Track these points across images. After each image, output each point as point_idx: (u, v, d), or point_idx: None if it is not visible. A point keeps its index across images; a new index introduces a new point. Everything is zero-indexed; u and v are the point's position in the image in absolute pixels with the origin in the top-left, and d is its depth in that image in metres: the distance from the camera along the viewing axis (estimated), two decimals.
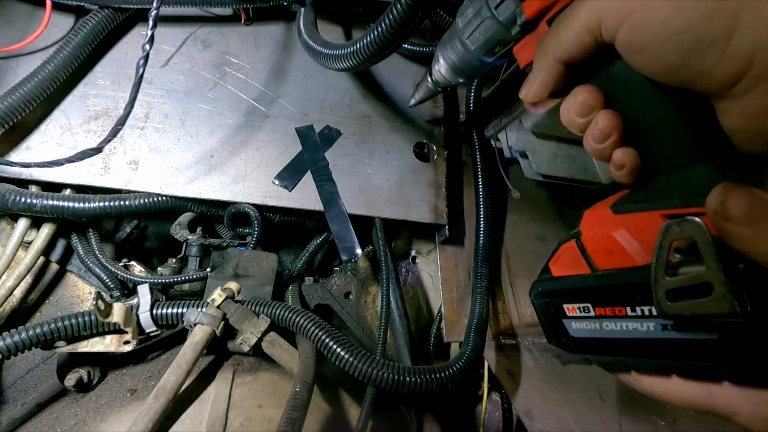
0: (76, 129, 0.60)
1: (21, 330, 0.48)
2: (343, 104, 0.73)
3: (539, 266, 0.39)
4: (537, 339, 0.77)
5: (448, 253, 0.76)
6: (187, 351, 0.47)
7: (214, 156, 0.64)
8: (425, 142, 0.76)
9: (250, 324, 0.53)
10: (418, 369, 0.52)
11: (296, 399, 0.44)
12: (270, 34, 0.72)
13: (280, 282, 0.68)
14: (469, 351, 0.60)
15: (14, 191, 0.55)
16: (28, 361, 0.59)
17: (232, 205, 0.64)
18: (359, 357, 0.50)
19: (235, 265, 0.62)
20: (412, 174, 0.73)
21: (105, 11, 0.60)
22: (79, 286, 0.65)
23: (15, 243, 0.57)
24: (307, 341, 0.53)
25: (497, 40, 0.43)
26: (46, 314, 0.62)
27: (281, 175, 0.66)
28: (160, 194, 0.61)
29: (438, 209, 0.73)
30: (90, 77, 0.62)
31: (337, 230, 0.67)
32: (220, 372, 0.54)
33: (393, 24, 0.45)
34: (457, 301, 0.74)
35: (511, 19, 0.40)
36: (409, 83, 0.79)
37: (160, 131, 0.63)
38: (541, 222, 0.86)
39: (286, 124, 0.69)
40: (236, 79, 0.68)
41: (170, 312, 0.54)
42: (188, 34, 0.68)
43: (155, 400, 0.41)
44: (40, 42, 0.60)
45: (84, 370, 0.55)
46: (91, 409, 0.52)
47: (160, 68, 0.66)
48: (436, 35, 0.83)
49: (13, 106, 0.53)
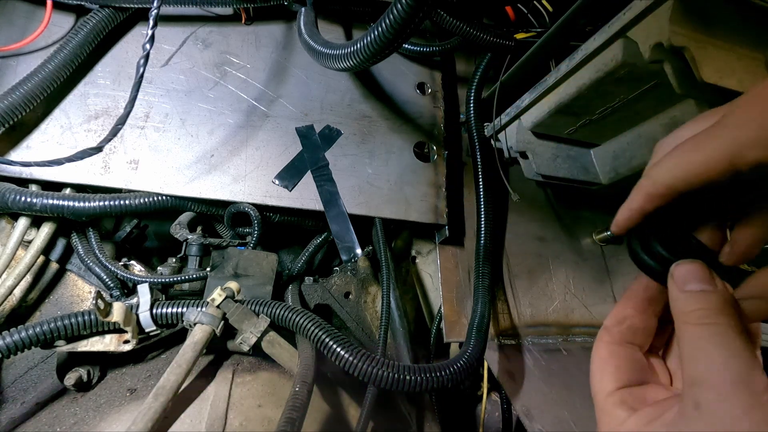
0: (76, 128, 0.60)
1: (21, 329, 0.48)
2: (343, 104, 0.73)
3: (539, 266, 0.38)
4: (537, 339, 0.77)
5: (448, 253, 0.76)
6: (187, 350, 0.47)
7: (214, 155, 0.64)
8: (425, 142, 0.76)
9: (250, 324, 0.53)
10: (418, 368, 0.52)
11: (296, 399, 0.44)
12: (270, 33, 0.72)
13: (280, 282, 0.68)
14: (471, 350, 0.59)
15: (14, 190, 0.55)
16: (28, 360, 0.59)
17: (232, 205, 0.64)
18: (359, 356, 0.50)
19: (235, 265, 0.62)
20: (412, 174, 0.73)
21: (105, 11, 0.60)
22: (78, 286, 0.65)
23: (15, 242, 0.57)
24: (307, 341, 0.53)
25: None
26: (45, 313, 0.62)
27: (281, 175, 0.66)
28: (160, 194, 0.61)
29: (438, 209, 0.73)
30: (90, 76, 0.62)
31: (337, 230, 0.67)
32: (219, 371, 0.54)
33: (393, 24, 0.45)
34: (456, 301, 0.74)
35: None
36: (409, 83, 0.79)
37: (160, 131, 0.63)
38: (540, 222, 0.86)
39: (287, 123, 0.69)
40: (236, 78, 0.68)
41: (170, 311, 0.54)
42: (189, 33, 0.68)
43: (155, 399, 0.41)
44: (40, 41, 0.60)
45: (83, 370, 0.55)
46: (91, 408, 0.52)
47: (161, 68, 0.66)
48: (436, 35, 0.83)
49: (14, 105, 0.53)
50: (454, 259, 0.76)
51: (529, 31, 0.76)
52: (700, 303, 0.28)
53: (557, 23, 0.63)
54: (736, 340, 0.26)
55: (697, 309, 0.28)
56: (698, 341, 0.27)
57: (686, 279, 0.29)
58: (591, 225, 0.90)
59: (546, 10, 0.79)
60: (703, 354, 0.27)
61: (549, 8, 0.79)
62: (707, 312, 0.28)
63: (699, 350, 0.27)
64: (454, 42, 0.78)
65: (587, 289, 0.85)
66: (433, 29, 0.83)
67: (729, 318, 0.27)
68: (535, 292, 0.80)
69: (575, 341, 0.79)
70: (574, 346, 0.78)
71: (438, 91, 0.81)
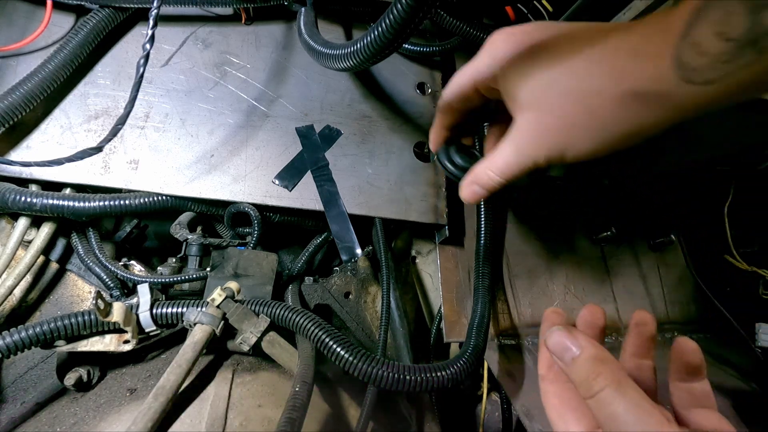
0: (76, 128, 0.60)
1: (21, 329, 0.48)
2: (343, 104, 0.73)
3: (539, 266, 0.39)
4: (537, 339, 0.77)
5: (448, 253, 0.76)
6: (187, 350, 0.47)
7: (214, 155, 0.64)
8: (425, 142, 0.76)
9: (250, 324, 0.53)
10: (418, 367, 0.52)
11: (296, 399, 0.44)
12: (270, 33, 0.72)
13: (280, 282, 0.68)
14: (471, 350, 0.59)
15: (14, 190, 0.55)
16: (28, 360, 0.59)
17: (232, 205, 0.64)
18: (359, 356, 0.50)
19: (235, 265, 0.62)
20: (412, 174, 0.73)
21: (105, 10, 0.60)
22: (78, 286, 0.65)
23: (15, 242, 0.57)
24: (307, 341, 0.53)
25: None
26: (45, 313, 0.62)
27: (281, 175, 0.66)
28: (160, 194, 0.61)
29: (438, 209, 0.73)
30: (90, 76, 0.62)
31: (337, 230, 0.67)
32: (219, 371, 0.54)
33: (393, 24, 0.45)
34: (456, 301, 0.74)
35: None
36: (409, 83, 0.79)
37: (160, 131, 0.63)
38: (540, 223, 0.86)
39: (287, 123, 0.69)
40: (237, 78, 0.68)
41: (170, 311, 0.54)
42: (189, 33, 0.68)
43: (155, 399, 0.41)
44: (40, 41, 0.60)
45: (83, 370, 0.55)
46: (91, 408, 0.52)
47: (161, 68, 0.66)
48: (436, 35, 0.83)
49: (14, 105, 0.53)
50: (454, 259, 0.76)
51: None
52: (581, 373, 0.33)
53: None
54: (627, 394, 0.30)
55: (583, 380, 0.32)
56: (602, 411, 0.31)
57: (560, 350, 0.34)
58: (591, 225, 0.90)
59: (546, 10, 0.79)
60: (610, 421, 0.30)
61: (549, 8, 0.79)
62: (590, 381, 0.32)
63: (607, 421, 0.30)
64: (454, 42, 0.78)
65: (587, 289, 0.85)
66: (433, 29, 0.83)
67: (610, 377, 0.31)
68: (535, 292, 0.80)
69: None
70: None
71: (438, 91, 0.81)
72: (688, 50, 0.31)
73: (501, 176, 0.44)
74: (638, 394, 0.30)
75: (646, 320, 0.38)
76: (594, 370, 0.32)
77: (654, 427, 0.28)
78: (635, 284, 0.89)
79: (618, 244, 0.90)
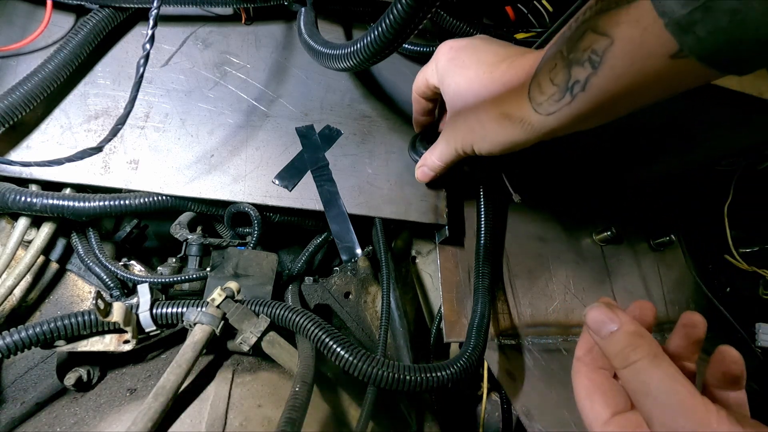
0: (76, 128, 0.60)
1: (21, 329, 0.48)
2: (343, 104, 0.73)
3: (539, 266, 0.40)
4: (537, 339, 0.77)
5: (448, 253, 0.76)
6: (187, 350, 0.47)
7: (214, 155, 0.64)
8: None
9: (250, 324, 0.53)
10: (418, 367, 0.52)
11: (296, 399, 0.44)
12: (270, 33, 0.72)
13: (280, 282, 0.68)
14: (471, 349, 0.59)
15: (14, 190, 0.55)
16: (28, 360, 0.59)
17: (232, 205, 0.64)
18: (359, 356, 0.50)
19: (234, 265, 0.62)
20: (412, 174, 0.73)
21: (105, 10, 0.60)
22: (78, 286, 0.65)
23: (15, 242, 0.57)
24: (307, 341, 0.53)
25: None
26: (45, 313, 0.62)
27: (281, 175, 0.66)
28: (161, 194, 0.61)
29: (438, 209, 0.73)
30: (90, 76, 0.62)
31: (337, 230, 0.67)
32: (219, 372, 0.54)
33: (393, 24, 0.45)
34: (456, 301, 0.74)
35: None
36: (409, 83, 0.79)
37: (160, 131, 0.63)
38: (540, 222, 0.86)
39: (287, 123, 0.69)
40: (236, 78, 0.68)
41: (170, 311, 0.54)
42: (189, 33, 0.68)
43: (155, 399, 0.41)
44: (40, 41, 0.60)
45: (83, 370, 0.55)
46: (91, 408, 0.52)
47: (161, 68, 0.66)
48: (436, 35, 0.83)
49: (14, 105, 0.53)
50: (454, 259, 0.76)
51: (529, 31, 0.76)
52: (617, 346, 0.33)
53: (557, 23, 0.63)
54: (661, 366, 0.30)
55: (618, 351, 0.32)
56: (635, 380, 0.31)
57: (598, 325, 0.35)
58: (591, 225, 0.90)
59: (546, 10, 0.79)
60: (642, 390, 0.30)
61: (549, 8, 0.79)
62: (627, 352, 0.32)
63: (640, 389, 0.31)
64: None
65: (587, 289, 0.85)
66: (433, 29, 0.83)
67: (647, 349, 0.31)
68: (535, 292, 0.80)
69: (575, 341, 0.79)
70: (574, 346, 0.78)
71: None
72: (535, 88, 0.42)
73: (440, 161, 0.60)
74: (673, 368, 0.30)
75: (696, 322, 0.37)
76: (632, 342, 0.32)
77: (686, 397, 0.28)
78: (635, 284, 0.89)
79: (618, 244, 0.91)
